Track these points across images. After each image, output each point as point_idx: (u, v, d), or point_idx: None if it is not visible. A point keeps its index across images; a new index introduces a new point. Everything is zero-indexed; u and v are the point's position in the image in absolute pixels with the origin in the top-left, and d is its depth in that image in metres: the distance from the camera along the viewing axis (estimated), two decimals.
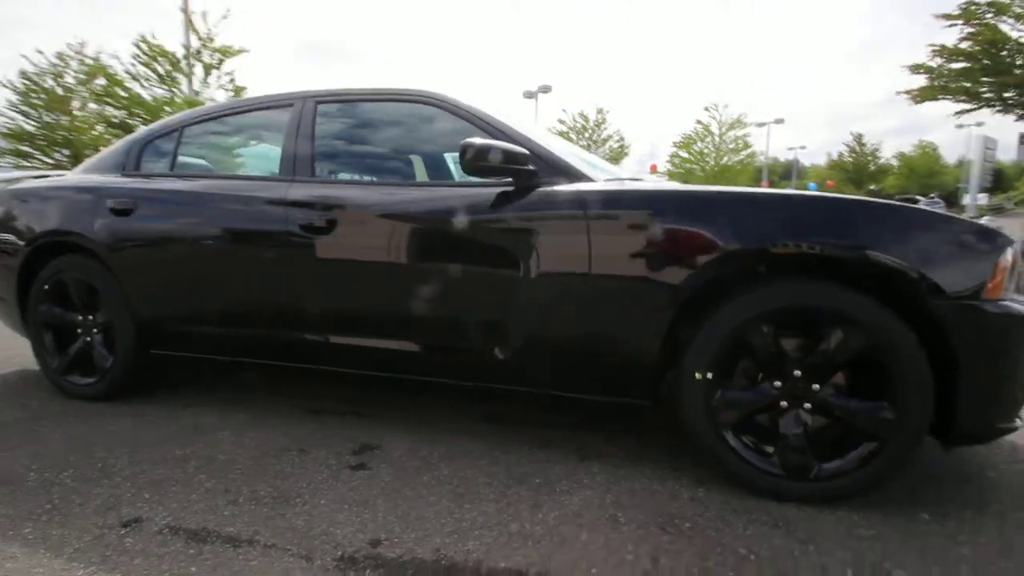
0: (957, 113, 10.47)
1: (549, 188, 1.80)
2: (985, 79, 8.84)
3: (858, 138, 38.69)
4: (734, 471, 1.64)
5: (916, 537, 1.45)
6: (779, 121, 32.23)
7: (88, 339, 2.45)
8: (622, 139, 28.20)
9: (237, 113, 2.43)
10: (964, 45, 8.82)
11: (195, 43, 9.27)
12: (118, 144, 2.61)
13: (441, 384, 2.09)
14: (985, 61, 8.62)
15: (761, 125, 28.89)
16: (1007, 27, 8.48)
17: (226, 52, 9.45)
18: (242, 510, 1.56)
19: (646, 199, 1.71)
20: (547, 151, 1.85)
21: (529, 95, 21.18)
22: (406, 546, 1.40)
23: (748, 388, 1.66)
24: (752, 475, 1.62)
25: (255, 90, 10.05)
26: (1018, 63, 8.58)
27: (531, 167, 1.79)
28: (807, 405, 1.59)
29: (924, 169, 41.38)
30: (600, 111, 25.63)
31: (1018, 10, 8.42)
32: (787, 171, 43.89)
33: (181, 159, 2.39)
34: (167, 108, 8.85)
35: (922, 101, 9.91)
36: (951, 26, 9.01)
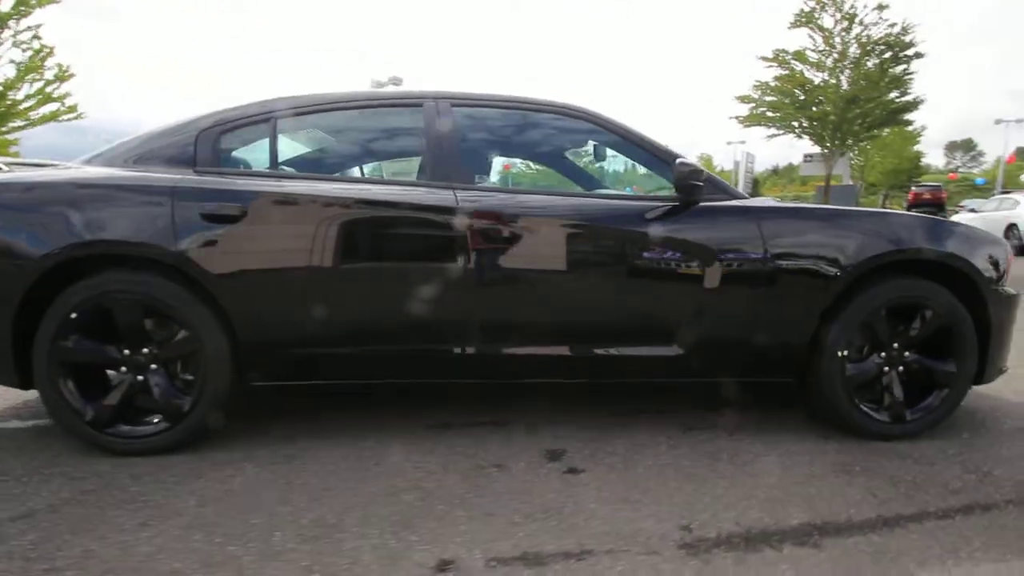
0: (769, 136, 13.64)
1: (714, 203, 2.08)
2: (792, 112, 11.72)
3: None
4: (857, 423, 2.14)
5: (973, 448, 2.12)
6: None
7: (140, 377, 1.94)
8: None
9: (343, 107, 2.12)
10: (776, 83, 11.58)
11: None
12: (165, 131, 2.06)
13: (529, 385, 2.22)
14: (793, 97, 11.45)
15: None
16: (810, 73, 11.44)
17: (27, 2, 7.11)
18: (535, 529, 1.55)
19: (825, 213, 2.14)
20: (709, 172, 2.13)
21: (378, 86, 20.34)
22: (712, 525, 1.58)
23: (861, 360, 2.18)
24: (870, 425, 2.14)
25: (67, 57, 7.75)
26: (817, 101, 11.60)
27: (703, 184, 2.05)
28: (901, 368, 2.18)
29: None
30: None
31: (812, 58, 11.38)
32: None
33: (282, 157, 2.03)
34: None
35: (750, 126, 12.57)
36: (768, 67, 11.72)
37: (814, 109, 11.73)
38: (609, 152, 2.49)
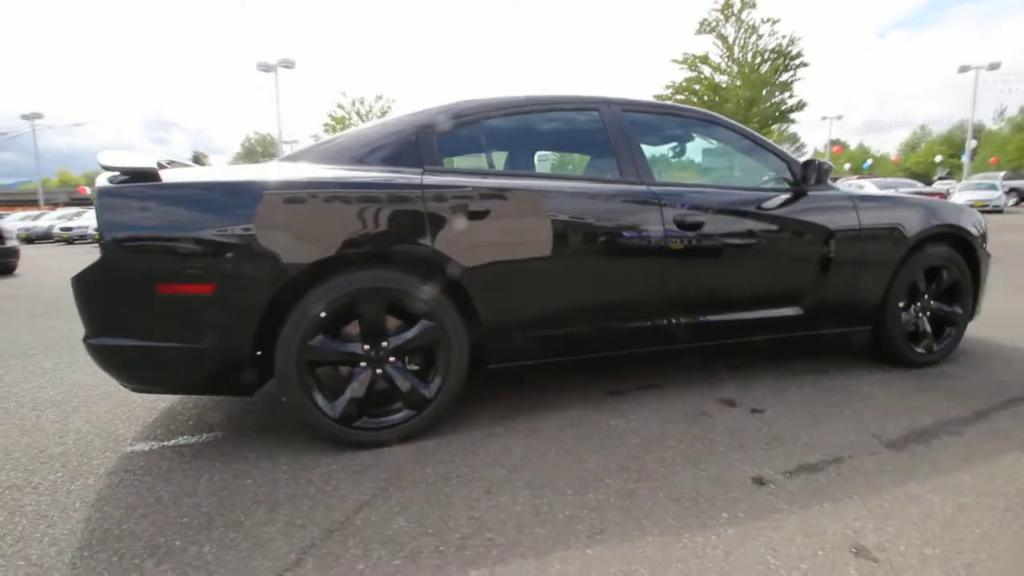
0: None
1: (820, 192, 2.64)
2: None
3: None
4: (908, 357, 2.87)
5: (977, 367, 2.95)
6: None
7: (379, 371, 1.99)
8: None
9: (536, 110, 2.31)
10: (686, 84, 13.09)
11: None
12: (378, 131, 2.07)
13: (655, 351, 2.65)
14: (704, 98, 13.03)
15: None
16: (717, 77, 13.07)
17: None
18: (784, 451, 1.97)
19: (894, 199, 2.80)
20: None
21: (266, 68, 18.51)
22: (888, 431, 2.13)
23: (907, 310, 2.90)
24: (914, 357, 2.88)
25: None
26: (723, 101, 13.31)
27: None
28: (928, 313, 2.95)
29: None
30: (380, 97, 26.06)
31: (715, 61, 13.03)
32: None
33: (494, 155, 2.16)
34: None
35: None
36: (681, 69, 13.14)
37: (722, 109, 13.68)
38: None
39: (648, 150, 2.54)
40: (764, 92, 13.81)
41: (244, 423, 2.33)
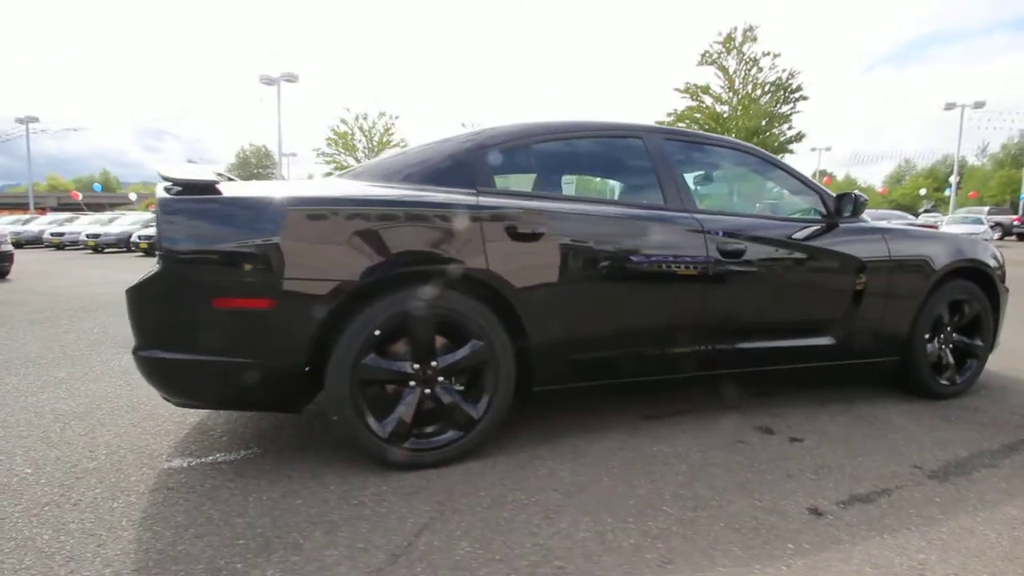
0: None
1: (851, 224, 2.69)
2: None
3: None
4: (932, 388, 2.91)
5: (995, 401, 3.00)
6: None
7: (427, 391, 1.98)
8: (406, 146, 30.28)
9: (581, 136, 2.34)
10: (687, 112, 13.43)
11: None
12: (434, 149, 2.09)
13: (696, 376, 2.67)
14: (706, 127, 13.35)
15: None
16: (719, 107, 13.44)
17: None
18: (833, 480, 1.98)
19: (921, 232, 2.88)
20: None
21: (268, 81, 18.51)
22: (928, 462, 2.15)
23: (931, 341, 2.95)
24: (938, 388, 2.92)
25: None
26: (724, 131, 13.63)
27: None
28: (951, 345, 3.00)
29: None
30: (383, 114, 26.89)
31: (718, 91, 13.44)
32: None
33: (542, 178, 2.18)
34: None
35: None
36: (682, 97, 13.49)
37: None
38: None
39: (687, 178, 2.58)
40: (764, 123, 14.30)
41: (280, 440, 2.29)
